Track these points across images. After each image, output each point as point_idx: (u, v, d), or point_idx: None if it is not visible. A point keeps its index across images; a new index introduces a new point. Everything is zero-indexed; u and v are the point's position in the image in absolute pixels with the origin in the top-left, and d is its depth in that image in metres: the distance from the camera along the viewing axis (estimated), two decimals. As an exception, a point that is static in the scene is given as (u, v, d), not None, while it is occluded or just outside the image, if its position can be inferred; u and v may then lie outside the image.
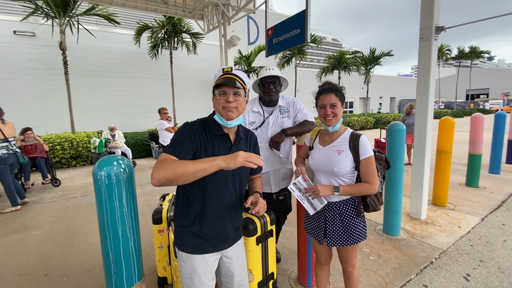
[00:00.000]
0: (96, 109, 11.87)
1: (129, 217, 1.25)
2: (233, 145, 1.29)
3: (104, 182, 1.17)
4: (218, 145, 1.25)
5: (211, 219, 1.26)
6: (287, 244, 2.89)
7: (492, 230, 3.09)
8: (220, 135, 1.26)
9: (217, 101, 1.23)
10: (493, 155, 5.51)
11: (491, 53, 31.12)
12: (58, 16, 8.47)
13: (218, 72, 1.25)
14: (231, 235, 1.35)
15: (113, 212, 1.21)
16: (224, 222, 1.30)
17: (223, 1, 7.21)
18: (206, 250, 1.26)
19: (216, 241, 1.28)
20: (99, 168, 1.18)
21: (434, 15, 3.10)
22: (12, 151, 4.32)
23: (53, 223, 3.72)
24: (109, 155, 1.25)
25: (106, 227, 1.22)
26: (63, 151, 7.45)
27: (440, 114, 22.39)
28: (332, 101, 1.46)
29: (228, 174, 1.26)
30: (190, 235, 1.25)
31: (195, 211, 1.25)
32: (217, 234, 1.28)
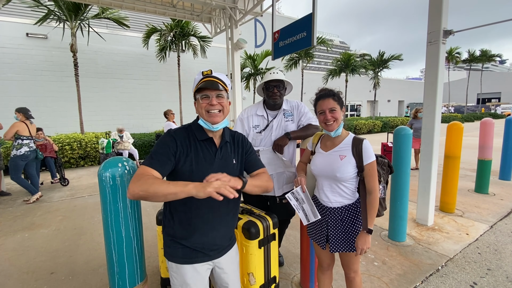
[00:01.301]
0: (105, 110, 12.09)
1: (132, 218, 1.27)
2: (218, 149, 1.24)
3: (109, 183, 1.19)
4: (202, 150, 1.21)
5: (199, 228, 1.20)
6: (290, 248, 2.88)
7: (501, 238, 3.01)
8: (204, 140, 1.22)
9: (199, 105, 1.19)
10: (504, 161, 5.39)
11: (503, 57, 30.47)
12: (69, 19, 8.68)
13: (197, 76, 1.22)
14: (223, 243, 1.29)
15: (117, 213, 1.23)
16: (215, 231, 1.23)
17: (231, 4, 7.28)
18: (197, 260, 1.20)
19: (207, 251, 1.23)
20: (104, 169, 1.20)
21: (442, 19, 3.06)
22: (33, 149, 4.81)
23: (61, 222, 3.79)
24: (115, 157, 1.27)
25: (110, 228, 1.24)
26: (72, 151, 7.59)
27: (449, 118, 22.00)
28: (330, 106, 1.46)
29: None
30: (179, 245, 1.20)
31: (182, 220, 1.19)
32: (207, 244, 1.22)
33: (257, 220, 1.73)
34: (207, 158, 1.20)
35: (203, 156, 1.19)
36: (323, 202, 1.56)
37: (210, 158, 1.20)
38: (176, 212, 1.19)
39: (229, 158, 1.27)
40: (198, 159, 1.18)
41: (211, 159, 1.21)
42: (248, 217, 1.79)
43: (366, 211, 1.45)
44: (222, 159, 1.24)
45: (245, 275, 1.70)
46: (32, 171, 4.90)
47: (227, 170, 1.19)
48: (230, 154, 1.28)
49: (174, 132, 1.20)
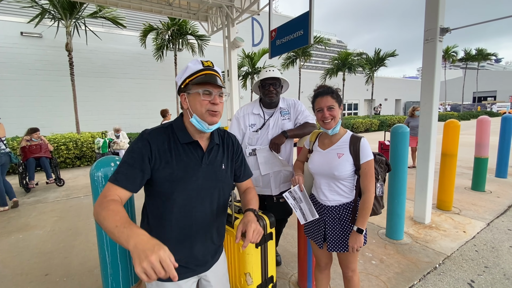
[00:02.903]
0: (101, 109, 12.00)
1: (125, 218, 1.24)
2: (205, 153, 1.07)
3: (101, 183, 1.17)
4: (186, 155, 1.03)
5: (181, 242, 1.05)
6: (288, 247, 2.86)
7: (498, 235, 3.02)
8: (189, 143, 1.05)
9: (199, 101, 0.99)
10: (500, 159, 5.41)
11: (499, 55, 30.70)
12: (64, 18, 8.59)
13: (193, 64, 1.02)
14: (209, 258, 1.14)
15: (109, 214, 1.20)
16: (198, 244, 1.08)
17: (227, 2, 7.24)
18: (180, 276, 1.00)
19: (191, 265, 1.08)
20: (96, 169, 1.18)
21: (439, 16, 3.06)
22: (3, 151, 4.33)
23: (56, 223, 3.75)
24: (107, 156, 1.24)
25: (103, 231, 1.21)
26: (67, 151, 7.52)
27: (446, 116, 22.13)
28: (329, 103, 1.44)
29: (201, 189, 1.05)
30: None
31: (161, 235, 1.01)
32: (191, 258, 1.08)
33: (254, 220, 1.71)
34: (192, 164, 1.03)
35: (187, 162, 1.02)
36: (321, 200, 1.55)
37: (195, 164, 1.04)
38: (155, 226, 1.04)
39: (217, 163, 1.12)
40: (180, 165, 1.01)
41: (196, 165, 1.04)
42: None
43: (358, 211, 1.45)
44: (210, 164, 1.08)
45: (242, 275, 1.68)
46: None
47: (216, 177, 1.10)
48: (218, 158, 1.13)
49: (150, 134, 1.01)
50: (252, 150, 2.02)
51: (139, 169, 0.94)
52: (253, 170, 2.05)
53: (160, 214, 1.02)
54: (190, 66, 1.02)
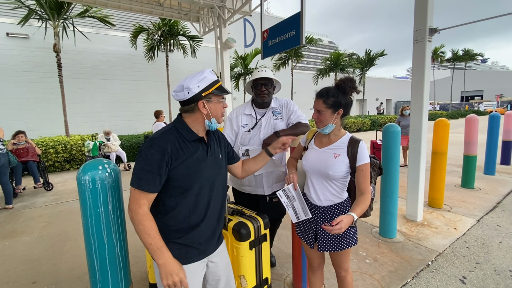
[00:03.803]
0: (91, 112, 11.78)
1: (115, 223, 1.21)
2: (208, 147, 1.26)
3: (89, 187, 1.13)
4: (195, 150, 1.19)
5: (197, 225, 1.20)
6: (283, 248, 2.85)
7: (487, 231, 3.08)
8: (195, 140, 1.20)
9: (219, 108, 1.21)
10: (488, 156, 5.54)
11: (485, 56, 31.56)
12: (52, 19, 8.40)
13: (209, 75, 1.16)
14: (217, 236, 1.31)
15: (98, 218, 1.16)
16: (211, 226, 1.25)
17: (219, 3, 7.21)
18: (193, 259, 1.19)
19: (202, 246, 1.22)
20: (83, 172, 1.14)
21: (427, 17, 3.10)
22: (1, 152, 4.33)
23: (44, 228, 3.64)
24: (95, 159, 1.20)
25: (90, 234, 1.17)
26: (56, 155, 7.34)
27: (435, 115, 22.57)
28: (318, 107, 1.46)
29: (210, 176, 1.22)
30: (175, 246, 1.16)
31: (179, 221, 1.16)
32: (204, 238, 1.23)
33: (247, 221, 1.69)
34: (201, 157, 1.20)
35: (197, 156, 1.18)
36: (312, 200, 1.54)
37: (203, 157, 1.20)
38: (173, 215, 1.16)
39: (217, 153, 1.30)
40: (193, 161, 1.16)
41: (204, 158, 1.21)
42: (239, 218, 1.75)
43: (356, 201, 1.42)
44: (212, 155, 1.26)
45: (236, 277, 1.66)
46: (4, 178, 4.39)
47: (218, 165, 1.29)
48: (217, 150, 1.31)
49: (160, 139, 1.11)
50: (245, 150, 2.00)
51: (157, 173, 1.07)
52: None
53: (179, 202, 1.15)
54: (207, 76, 1.15)
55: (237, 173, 1.54)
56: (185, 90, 1.12)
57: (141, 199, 1.06)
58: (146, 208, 1.07)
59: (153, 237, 1.05)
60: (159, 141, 1.09)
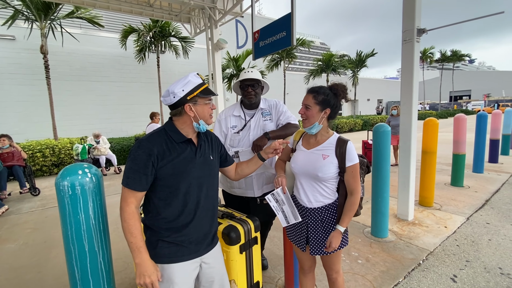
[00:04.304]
0: (81, 114, 11.55)
1: (97, 230, 1.16)
2: (197, 148, 1.29)
3: (68, 192, 1.08)
4: (183, 151, 1.23)
5: (187, 224, 1.22)
6: (275, 250, 2.82)
7: (477, 229, 3.12)
8: (183, 141, 1.25)
9: (206, 110, 1.25)
10: (476, 155, 5.64)
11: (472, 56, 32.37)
12: (39, 19, 8.21)
13: (193, 78, 1.20)
14: (209, 238, 1.32)
15: (78, 226, 1.11)
16: (201, 225, 1.27)
17: (210, 4, 7.17)
18: (183, 258, 1.21)
19: (193, 246, 1.24)
20: (61, 177, 1.09)
21: (415, 18, 3.14)
22: None
23: (30, 235, 3.52)
24: (74, 163, 1.15)
25: (70, 242, 1.12)
26: (44, 159, 7.16)
27: (425, 115, 22.96)
28: (306, 102, 1.43)
29: (198, 177, 1.25)
30: (165, 244, 1.19)
31: (168, 220, 1.20)
32: (195, 239, 1.24)
33: (237, 224, 1.65)
34: (188, 157, 1.23)
35: (184, 157, 1.22)
36: (302, 202, 1.52)
37: (191, 158, 1.24)
38: (162, 213, 1.20)
39: (207, 155, 1.33)
40: (180, 161, 1.20)
41: (192, 158, 1.25)
42: (229, 221, 1.71)
43: (344, 210, 1.45)
44: (202, 157, 1.29)
45: (226, 282, 1.62)
46: None
47: (208, 166, 1.32)
48: (208, 151, 1.34)
49: (147, 140, 1.17)
50: (235, 152, 1.97)
51: (143, 173, 1.13)
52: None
53: (168, 202, 1.19)
54: (191, 80, 1.20)
55: (230, 176, 1.58)
56: (171, 95, 1.18)
57: (129, 197, 1.12)
58: (134, 206, 1.13)
59: (134, 236, 1.09)
60: (146, 142, 1.16)
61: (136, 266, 1.10)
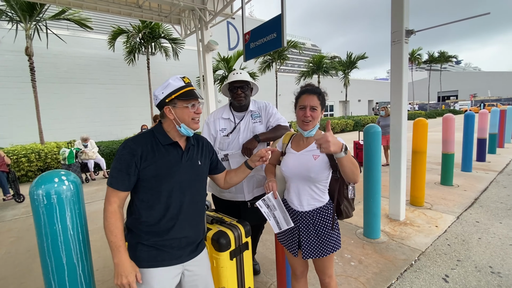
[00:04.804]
0: (69, 117, 11.28)
1: (75, 241, 1.09)
2: (184, 152, 1.27)
3: (43, 202, 1.01)
4: (168, 154, 1.22)
5: (168, 229, 1.19)
6: (267, 254, 2.78)
7: (467, 228, 3.14)
8: (169, 144, 1.23)
9: (186, 112, 1.20)
10: (465, 154, 5.74)
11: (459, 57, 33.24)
12: (23, 21, 7.98)
13: (174, 81, 1.20)
14: (193, 245, 1.28)
15: (54, 237, 1.04)
16: (184, 231, 1.23)
17: (200, 5, 7.11)
18: (164, 263, 1.18)
19: (175, 251, 1.20)
20: (36, 186, 1.02)
21: (403, 19, 3.16)
22: None
23: (12, 244, 3.38)
24: (50, 171, 1.09)
25: (47, 254, 1.05)
26: (29, 164, 6.94)
27: (414, 115, 23.37)
28: (313, 103, 1.36)
29: (182, 181, 1.23)
30: (145, 247, 1.17)
31: (150, 223, 1.17)
32: (176, 245, 1.21)
33: (227, 230, 1.61)
34: (173, 161, 1.22)
35: (169, 160, 1.21)
36: (294, 206, 1.48)
37: (176, 161, 1.22)
38: (144, 216, 1.18)
39: (195, 160, 1.31)
40: (164, 163, 1.19)
41: (177, 162, 1.23)
42: (219, 226, 1.66)
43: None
44: (189, 161, 1.27)
45: (216, 290, 1.57)
46: None
47: (194, 171, 1.29)
48: (195, 156, 1.32)
49: (132, 141, 1.18)
50: (224, 155, 1.92)
51: (125, 173, 1.13)
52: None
53: (150, 205, 1.18)
54: (171, 83, 1.20)
55: (219, 184, 1.57)
56: (154, 98, 1.23)
57: (112, 196, 1.12)
58: (116, 206, 1.12)
59: (115, 235, 1.08)
60: (131, 143, 1.17)
61: (114, 266, 1.08)
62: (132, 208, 1.21)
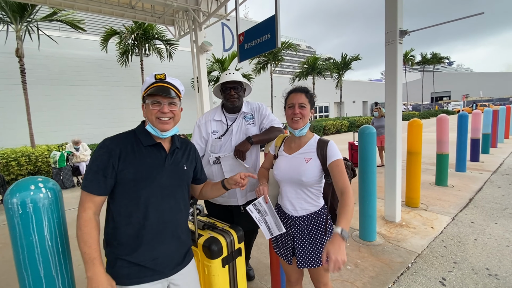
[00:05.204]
0: (60, 120, 11.09)
1: (54, 252, 1.02)
2: (168, 154, 1.18)
3: (17, 211, 0.94)
4: (150, 155, 1.13)
5: (149, 241, 1.09)
6: (262, 258, 2.72)
7: (463, 229, 3.13)
8: (152, 145, 1.15)
9: (149, 111, 1.11)
10: (459, 154, 5.76)
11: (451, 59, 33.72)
12: (14, 22, 7.83)
13: (149, 78, 1.15)
14: (177, 258, 1.19)
15: (31, 249, 0.98)
16: (166, 244, 1.14)
17: (193, 6, 7.05)
18: (145, 279, 1.08)
19: (158, 267, 1.11)
20: (10, 194, 0.95)
21: (397, 19, 3.15)
22: None
23: (0, 251, 3.27)
24: (26, 178, 1.02)
25: (23, 267, 0.99)
26: (19, 167, 6.77)
27: (409, 116, 23.58)
28: (301, 101, 1.36)
29: (165, 187, 1.14)
30: (125, 263, 1.07)
31: (128, 234, 1.08)
32: (159, 258, 1.11)
33: (219, 236, 1.55)
34: (155, 164, 1.13)
35: (150, 162, 1.12)
36: (287, 210, 1.43)
37: (158, 164, 1.14)
38: (122, 226, 1.08)
39: (180, 163, 1.22)
40: (144, 166, 1.10)
41: (159, 165, 1.14)
42: (210, 232, 1.60)
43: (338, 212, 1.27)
44: (173, 164, 1.19)
45: (208, 299, 1.50)
46: None
47: (178, 176, 1.20)
48: (181, 159, 1.24)
49: (110, 140, 1.10)
50: (216, 158, 1.86)
51: (102, 175, 1.03)
52: (218, 180, 1.89)
53: (128, 213, 1.08)
54: (146, 80, 1.16)
55: (194, 194, 1.50)
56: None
57: (86, 201, 1.02)
58: (92, 212, 1.03)
59: (89, 246, 0.98)
60: (108, 142, 1.09)
61: (88, 280, 0.97)
62: (109, 217, 1.11)
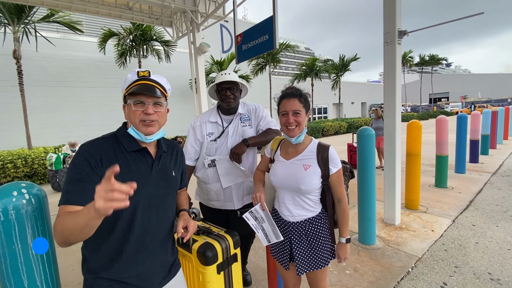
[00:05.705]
0: (58, 122, 11.03)
1: (38, 261, 0.97)
2: (155, 160, 1.06)
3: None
4: (135, 162, 1.00)
5: (133, 256, 0.99)
6: (259, 263, 2.67)
7: (463, 232, 3.09)
8: (136, 151, 1.02)
9: (132, 112, 0.98)
10: (458, 155, 5.73)
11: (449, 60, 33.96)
12: (11, 23, 7.79)
13: (130, 75, 1.02)
14: (164, 270, 1.09)
15: (14, 258, 0.93)
16: (152, 257, 1.04)
17: (191, 7, 7.02)
18: None
19: (143, 283, 1.02)
20: (-9, 200, 0.90)
21: (396, 20, 3.12)
22: None
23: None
24: (8, 183, 0.97)
25: (6, 277, 0.93)
26: (15, 170, 6.71)
27: (407, 117, 23.61)
28: (295, 108, 1.27)
29: (153, 196, 1.02)
30: (105, 282, 0.96)
31: (111, 248, 0.96)
32: (144, 274, 1.02)
33: (214, 241, 1.50)
34: (142, 171, 1.01)
35: (136, 170, 0.99)
36: (285, 216, 1.39)
37: (145, 171, 1.02)
38: (103, 241, 0.96)
39: (168, 170, 1.12)
40: (131, 173, 0.97)
41: (146, 173, 1.02)
42: (205, 238, 1.55)
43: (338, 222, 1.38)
44: (161, 171, 1.07)
45: (202, 307, 1.45)
46: None
47: (166, 184, 1.09)
48: (169, 165, 1.13)
49: (91, 145, 0.97)
50: (211, 161, 1.82)
51: (87, 182, 0.89)
52: (214, 183, 1.85)
53: (111, 227, 0.95)
54: (128, 77, 1.03)
55: None
56: None
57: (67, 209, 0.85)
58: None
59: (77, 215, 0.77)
60: (88, 147, 0.96)
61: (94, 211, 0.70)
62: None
